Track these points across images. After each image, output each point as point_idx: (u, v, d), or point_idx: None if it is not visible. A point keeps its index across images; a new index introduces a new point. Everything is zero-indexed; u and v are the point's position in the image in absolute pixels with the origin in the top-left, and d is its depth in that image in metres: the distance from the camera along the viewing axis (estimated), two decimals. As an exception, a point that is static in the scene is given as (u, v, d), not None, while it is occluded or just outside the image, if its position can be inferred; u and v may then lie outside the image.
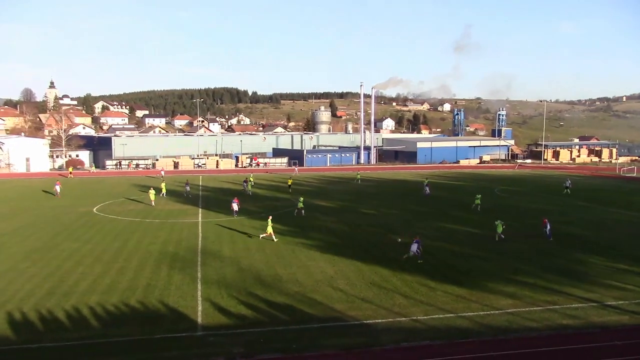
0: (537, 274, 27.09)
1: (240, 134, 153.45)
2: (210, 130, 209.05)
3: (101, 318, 20.77)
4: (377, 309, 21.81)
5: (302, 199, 46.92)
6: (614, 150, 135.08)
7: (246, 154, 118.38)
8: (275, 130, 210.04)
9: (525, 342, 18.48)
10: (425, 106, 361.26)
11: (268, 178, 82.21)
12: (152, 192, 52.62)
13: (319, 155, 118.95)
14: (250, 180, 65.93)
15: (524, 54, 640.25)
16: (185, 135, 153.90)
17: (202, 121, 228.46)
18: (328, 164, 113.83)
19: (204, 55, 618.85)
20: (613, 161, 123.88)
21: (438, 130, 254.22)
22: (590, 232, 38.52)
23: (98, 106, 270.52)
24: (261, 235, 35.47)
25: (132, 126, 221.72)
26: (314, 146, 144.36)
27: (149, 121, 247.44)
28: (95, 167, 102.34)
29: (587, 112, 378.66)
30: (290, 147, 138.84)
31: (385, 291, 24.22)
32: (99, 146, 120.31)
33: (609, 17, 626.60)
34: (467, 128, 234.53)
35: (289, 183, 64.79)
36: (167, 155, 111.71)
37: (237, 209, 44.41)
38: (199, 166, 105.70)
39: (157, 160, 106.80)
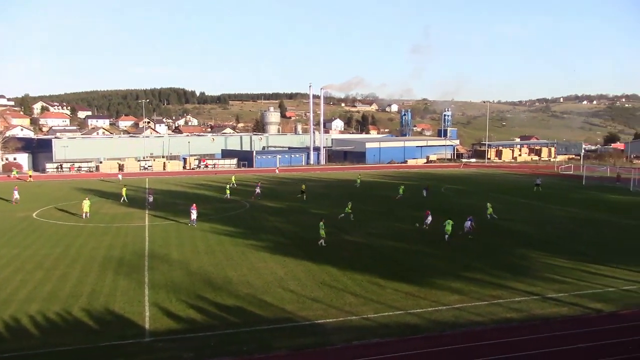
0: (482, 270, 27.84)
1: (188, 135, 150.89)
2: (157, 132, 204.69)
3: (42, 327, 19.95)
4: (328, 308, 21.88)
5: (350, 204, 45.27)
6: (553, 149, 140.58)
7: (194, 155, 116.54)
8: (223, 132, 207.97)
9: (472, 336, 18.94)
10: (374, 107, 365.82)
11: (216, 180, 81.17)
12: (86, 202, 45.67)
13: (269, 156, 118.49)
14: (232, 183, 65.61)
15: (468, 56, 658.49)
16: (130, 136, 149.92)
17: (148, 122, 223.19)
18: (278, 165, 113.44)
19: (150, 55, 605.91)
20: (552, 160, 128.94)
21: (386, 130, 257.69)
22: (531, 229, 39.89)
23: (37, 107, 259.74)
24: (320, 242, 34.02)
25: (74, 127, 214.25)
26: (264, 147, 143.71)
27: (92, 122, 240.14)
28: (33, 171, 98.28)
29: (527, 112, 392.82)
30: (239, 148, 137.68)
31: (336, 290, 24.33)
32: (39, 149, 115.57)
33: (547, 21, 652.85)
34: (415, 128, 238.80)
35: (303, 188, 58.94)
36: (111, 157, 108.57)
37: (194, 217, 41.09)
38: (145, 168, 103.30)
39: (100, 162, 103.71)
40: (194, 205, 42.56)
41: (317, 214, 46.00)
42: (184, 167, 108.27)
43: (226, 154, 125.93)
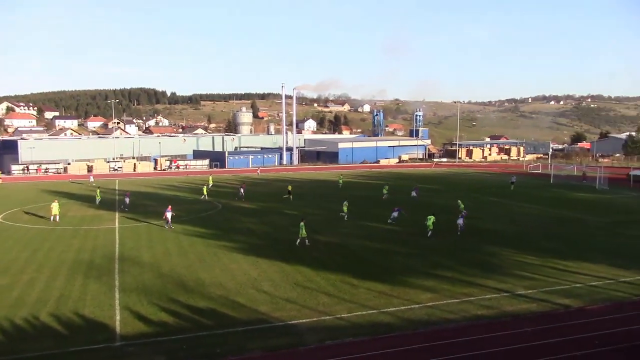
0: (454, 268, 28.19)
1: (158, 136, 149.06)
2: (127, 132, 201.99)
3: (8, 333, 19.46)
4: (302, 309, 21.87)
5: (346, 202, 45.19)
6: (522, 148, 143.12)
7: (165, 156, 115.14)
8: (195, 132, 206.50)
9: (444, 334, 19.16)
10: (346, 107, 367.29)
11: (188, 181, 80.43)
12: (55, 205, 44.00)
13: (241, 157, 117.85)
14: (209, 183, 64.86)
15: (439, 57, 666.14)
16: (99, 137, 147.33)
17: (118, 123, 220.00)
18: (250, 166, 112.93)
19: (119, 54, 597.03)
20: (521, 159, 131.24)
21: (358, 130, 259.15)
22: (501, 226, 40.55)
23: (2, 107, 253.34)
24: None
25: (41, 128, 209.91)
26: (236, 148, 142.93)
27: (60, 123, 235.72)
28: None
29: (497, 112, 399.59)
30: (211, 149, 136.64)
31: (309, 291, 24.34)
32: (4, 150, 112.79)
33: (516, 24, 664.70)
34: (387, 128, 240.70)
35: (289, 189, 58.02)
36: (80, 159, 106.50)
37: (170, 219, 40.25)
38: (115, 170, 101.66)
39: (69, 164, 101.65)
40: (169, 207, 41.91)
41: (290, 215, 46.04)
42: (155, 168, 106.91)
43: (198, 154, 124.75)
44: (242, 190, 58.20)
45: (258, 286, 25.16)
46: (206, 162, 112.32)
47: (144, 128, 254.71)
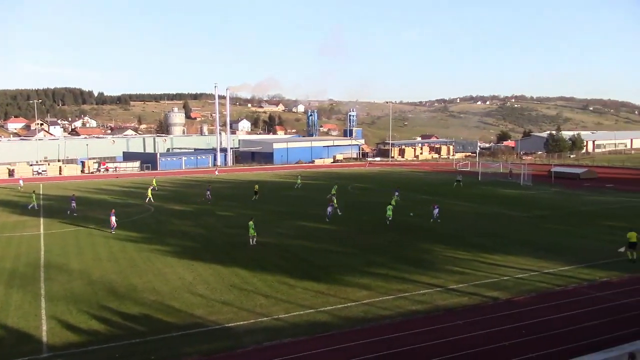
0: (388, 265, 28.75)
1: (86, 138, 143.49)
2: (51, 134, 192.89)
3: None
4: (239, 311, 21.66)
5: (334, 198, 47.34)
6: (451, 147, 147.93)
7: (93, 158, 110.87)
8: (125, 133, 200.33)
9: (381, 330, 19.50)
10: (281, 107, 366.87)
11: (118, 183, 77.85)
12: None
13: (174, 158, 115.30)
14: (154, 186, 62.89)
15: (372, 58, 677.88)
16: (21, 139, 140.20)
17: (41, 124, 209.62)
18: (183, 167, 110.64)
19: (40, 53, 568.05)
20: (450, 157, 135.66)
21: (293, 131, 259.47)
22: (433, 223, 41.67)
23: None
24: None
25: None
26: (168, 149, 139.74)
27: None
28: None
29: (427, 112, 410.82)
30: (142, 151, 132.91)
31: (246, 293, 24.13)
32: None
33: (444, 27, 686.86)
34: (321, 128, 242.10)
35: (255, 189, 57.65)
36: (0, 162, 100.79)
37: (114, 222, 39.08)
38: (39, 173, 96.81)
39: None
40: (113, 210, 40.58)
41: (225, 216, 45.59)
42: (83, 171, 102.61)
43: (128, 156, 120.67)
44: (208, 193, 57.28)
45: (193, 290, 24.69)
46: (137, 164, 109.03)
47: (70, 129, 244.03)
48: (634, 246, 29.08)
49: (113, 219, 39.01)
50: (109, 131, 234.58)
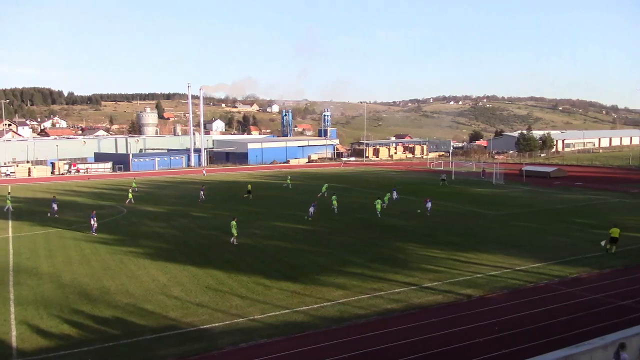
0: (364, 264, 28.87)
1: (56, 138, 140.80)
2: (20, 135, 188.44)
3: None
4: (214, 312, 21.50)
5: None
6: (425, 147, 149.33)
7: (64, 159, 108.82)
8: (96, 134, 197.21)
9: (356, 329, 19.56)
10: (255, 107, 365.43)
11: (89, 185, 76.57)
12: None
13: (147, 159, 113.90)
14: (133, 187, 62.37)
15: (348, 59, 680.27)
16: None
17: (9, 125, 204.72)
18: (156, 168, 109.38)
19: (9, 52, 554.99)
20: (424, 157, 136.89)
21: (267, 131, 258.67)
22: (408, 222, 42.04)
23: None
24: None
25: None
26: (141, 150, 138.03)
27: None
28: None
29: (401, 112, 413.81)
30: (114, 151, 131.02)
31: (222, 294, 23.98)
32: None
33: (419, 28, 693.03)
34: (296, 128, 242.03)
35: (249, 188, 59.21)
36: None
37: (95, 224, 38.53)
38: (7, 175, 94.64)
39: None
40: (94, 211, 40.06)
41: (200, 217, 45.23)
42: (53, 173, 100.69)
43: (100, 157, 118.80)
44: (202, 193, 56.91)
45: (168, 292, 24.42)
46: (109, 165, 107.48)
47: (40, 130, 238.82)
48: (615, 241, 30.49)
49: (93, 221, 38.48)
50: (80, 132, 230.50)
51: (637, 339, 15.46)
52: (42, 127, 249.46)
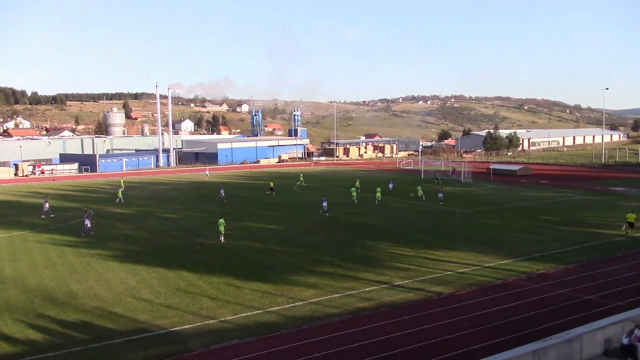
0: (335, 264, 28.93)
1: (19, 139, 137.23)
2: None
3: None
4: (184, 314, 21.26)
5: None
6: (395, 146, 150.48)
7: (27, 161, 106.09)
8: (61, 134, 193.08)
9: (328, 328, 19.60)
10: (224, 107, 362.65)
11: (54, 186, 74.88)
12: None
13: (114, 160, 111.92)
14: (121, 186, 61.70)
15: (318, 59, 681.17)
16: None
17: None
18: (124, 169, 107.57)
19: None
20: (394, 156, 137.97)
21: (237, 131, 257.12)
22: (378, 221, 42.28)
23: None
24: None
25: None
26: (108, 150, 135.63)
27: None
28: None
29: (371, 112, 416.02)
30: (80, 152, 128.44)
31: (192, 295, 23.73)
32: None
33: (386, 28, 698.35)
34: (266, 128, 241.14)
35: (271, 185, 61.02)
36: None
37: (90, 225, 38.17)
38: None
39: None
40: (87, 212, 39.97)
41: (168, 219, 44.70)
42: (16, 174, 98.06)
43: (65, 158, 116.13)
44: (222, 191, 57.06)
45: (137, 294, 24.04)
46: (75, 166, 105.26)
47: (2, 131, 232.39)
48: (632, 225, 34.52)
49: (87, 221, 38.15)
50: (44, 132, 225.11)
51: (600, 333, 15.89)
52: (5, 128, 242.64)
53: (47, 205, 47.16)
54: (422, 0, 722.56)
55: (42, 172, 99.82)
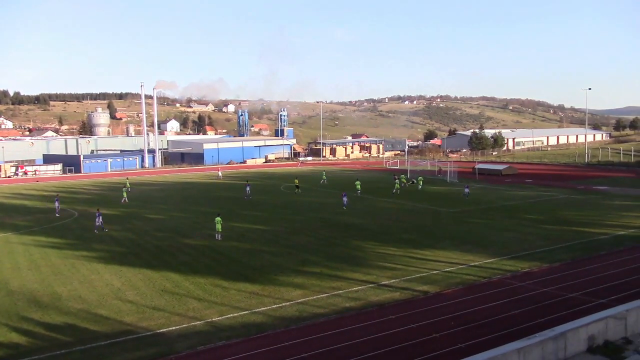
0: (322, 264, 28.94)
1: (1, 140, 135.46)
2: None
3: None
4: (171, 316, 21.13)
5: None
6: (381, 146, 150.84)
7: (10, 161, 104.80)
8: (45, 135, 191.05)
9: (315, 328, 19.61)
10: (210, 107, 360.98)
11: (38, 188, 74.03)
12: None
13: (99, 160, 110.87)
14: (127, 186, 61.61)
15: (306, 59, 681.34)
16: None
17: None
18: (109, 170, 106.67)
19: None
20: (380, 156, 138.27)
21: (223, 131, 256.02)
22: (365, 221, 42.36)
23: None
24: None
25: None
26: (92, 151, 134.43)
27: None
28: None
29: (357, 112, 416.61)
30: (64, 153, 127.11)
31: (178, 297, 23.59)
32: None
33: (373, 29, 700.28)
34: (252, 128, 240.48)
35: (296, 183, 63.31)
36: None
37: (101, 222, 39.54)
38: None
39: None
40: (98, 209, 40.58)
41: (154, 219, 44.41)
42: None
43: (49, 159, 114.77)
44: (248, 189, 57.43)
45: (122, 296, 23.85)
46: (59, 167, 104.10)
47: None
48: None
49: (98, 220, 39.32)
50: (27, 132, 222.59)
51: (584, 330, 16.07)
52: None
53: (57, 204, 48.31)
54: (408, 1, 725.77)
55: (25, 173, 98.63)
